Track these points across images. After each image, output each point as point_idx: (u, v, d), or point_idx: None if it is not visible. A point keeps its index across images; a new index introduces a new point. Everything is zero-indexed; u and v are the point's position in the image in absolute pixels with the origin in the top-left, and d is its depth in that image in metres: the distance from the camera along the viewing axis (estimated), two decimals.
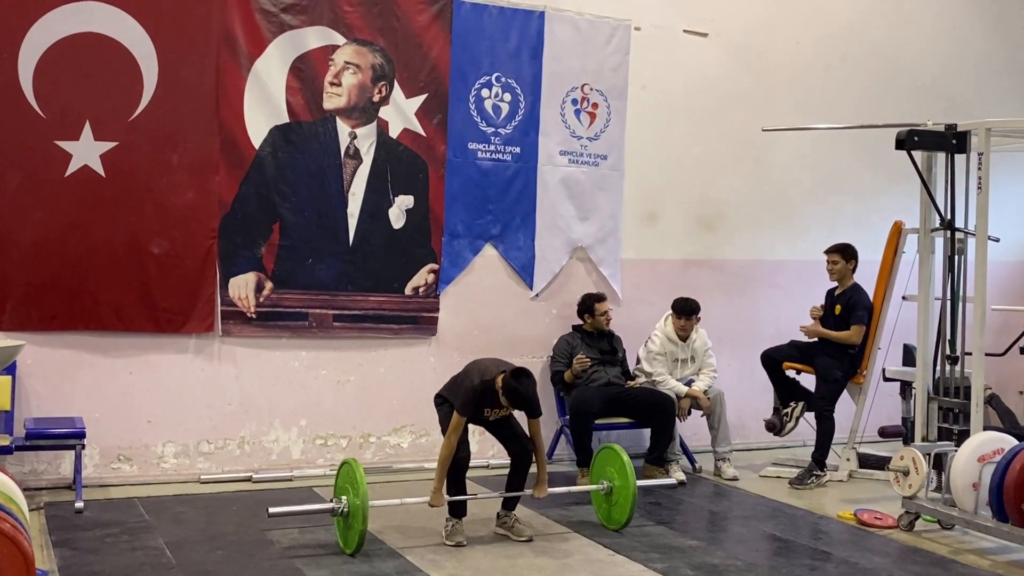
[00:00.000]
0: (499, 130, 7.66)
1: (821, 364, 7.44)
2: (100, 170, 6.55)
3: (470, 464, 5.79)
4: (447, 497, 5.61)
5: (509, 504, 5.90)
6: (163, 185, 6.70)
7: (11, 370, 6.22)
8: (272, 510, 5.47)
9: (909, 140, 6.35)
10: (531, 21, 7.70)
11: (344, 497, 5.41)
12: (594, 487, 6.11)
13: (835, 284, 7.61)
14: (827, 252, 7.56)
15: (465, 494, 5.73)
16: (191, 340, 6.87)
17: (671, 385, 7.47)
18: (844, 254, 7.50)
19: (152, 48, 6.62)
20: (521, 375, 5.49)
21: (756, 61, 8.59)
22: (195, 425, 6.90)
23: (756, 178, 8.64)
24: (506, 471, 5.93)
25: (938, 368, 6.73)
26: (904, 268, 7.44)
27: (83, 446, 6.23)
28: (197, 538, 5.62)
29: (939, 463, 6.35)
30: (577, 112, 7.92)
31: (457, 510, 5.69)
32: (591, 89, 7.94)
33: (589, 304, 7.58)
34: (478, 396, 5.58)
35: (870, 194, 8.90)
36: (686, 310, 7.53)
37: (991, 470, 5.65)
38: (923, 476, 6.04)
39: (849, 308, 7.41)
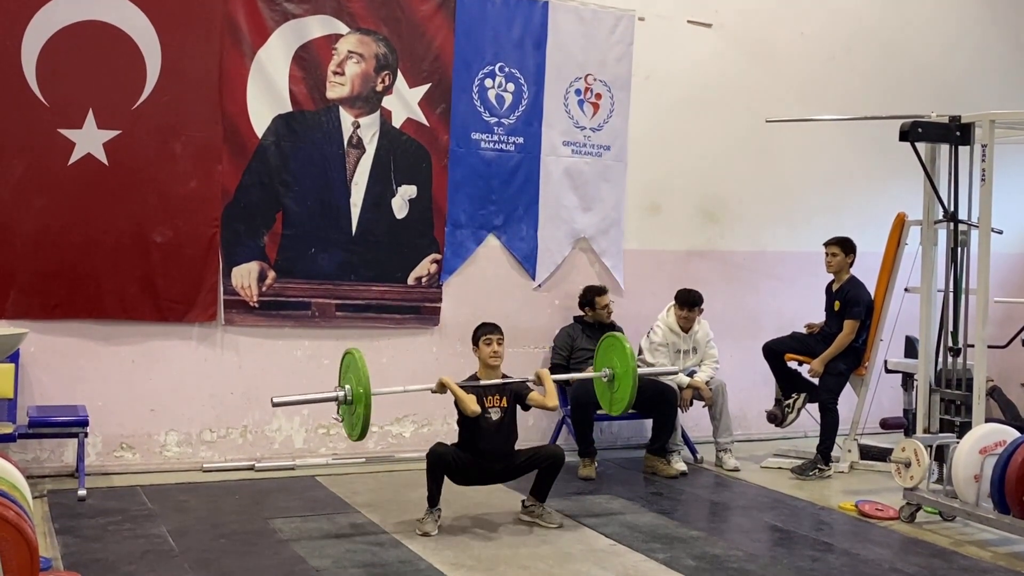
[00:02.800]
0: (502, 120, 7.66)
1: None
2: (103, 158, 6.55)
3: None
4: (454, 385, 5.68)
5: (539, 493, 5.91)
6: (166, 174, 6.70)
7: (14, 358, 6.23)
8: (276, 399, 5.55)
9: (913, 132, 6.34)
10: (535, 11, 7.68)
11: (348, 386, 5.47)
12: (597, 374, 6.15)
13: (832, 278, 7.61)
14: (826, 244, 7.56)
15: (440, 487, 5.73)
16: (194, 329, 6.88)
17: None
18: (843, 247, 7.49)
19: (155, 36, 6.61)
20: None
21: (760, 52, 8.58)
22: (198, 414, 6.91)
23: (759, 169, 8.63)
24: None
25: (940, 360, 6.73)
26: (907, 260, 7.44)
27: (86, 434, 6.24)
28: (200, 526, 5.63)
29: (941, 455, 6.36)
30: (580, 102, 7.91)
31: (432, 500, 5.72)
32: (594, 79, 7.93)
33: (590, 297, 7.58)
34: (471, 379, 5.83)
35: (873, 186, 8.89)
36: (688, 301, 7.53)
37: (993, 462, 5.66)
38: (925, 468, 6.05)
39: (846, 304, 7.42)
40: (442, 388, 5.74)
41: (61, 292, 6.51)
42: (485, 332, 5.90)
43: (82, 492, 6.03)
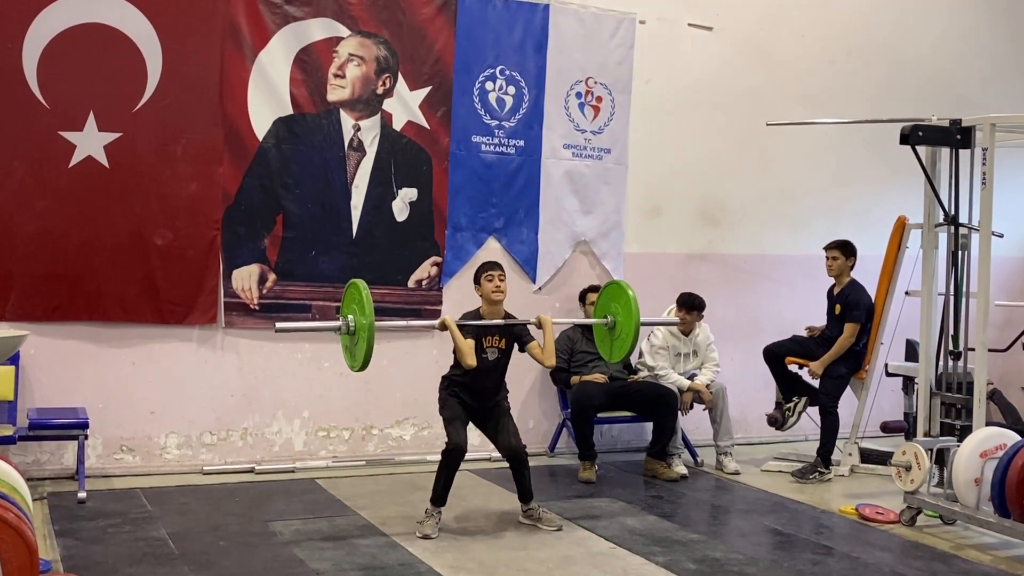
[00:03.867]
0: (503, 123, 7.66)
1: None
2: (104, 161, 6.55)
3: (466, 457, 5.79)
4: (456, 331, 5.69)
5: (525, 497, 5.93)
6: (167, 176, 6.70)
7: (15, 360, 6.23)
8: (279, 325, 5.55)
9: (913, 135, 6.34)
10: (536, 14, 7.69)
11: (350, 316, 5.47)
12: (598, 320, 6.12)
13: (832, 281, 7.61)
14: (827, 248, 7.56)
15: (450, 487, 5.74)
16: (194, 331, 6.88)
17: (673, 379, 7.47)
18: (844, 250, 7.49)
19: (156, 39, 6.62)
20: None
21: (761, 55, 8.58)
22: (198, 416, 6.91)
23: (760, 173, 8.63)
24: (507, 463, 5.96)
25: (941, 363, 6.72)
26: (907, 263, 7.44)
27: (86, 436, 6.24)
28: (200, 529, 5.63)
29: (941, 458, 6.35)
30: (581, 106, 7.91)
31: (439, 499, 5.72)
32: (595, 82, 7.94)
33: (583, 294, 7.63)
34: (472, 316, 5.86)
35: (874, 189, 8.89)
36: (688, 303, 7.53)
37: (993, 466, 5.65)
38: (925, 471, 6.05)
39: (847, 307, 7.42)
40: (444, 327, 5.74)
41: (61, 294, 6.51)
42: (486, 269, 5.90)
43: (82, 494, 6.03)
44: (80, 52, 6.46)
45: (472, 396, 5.87)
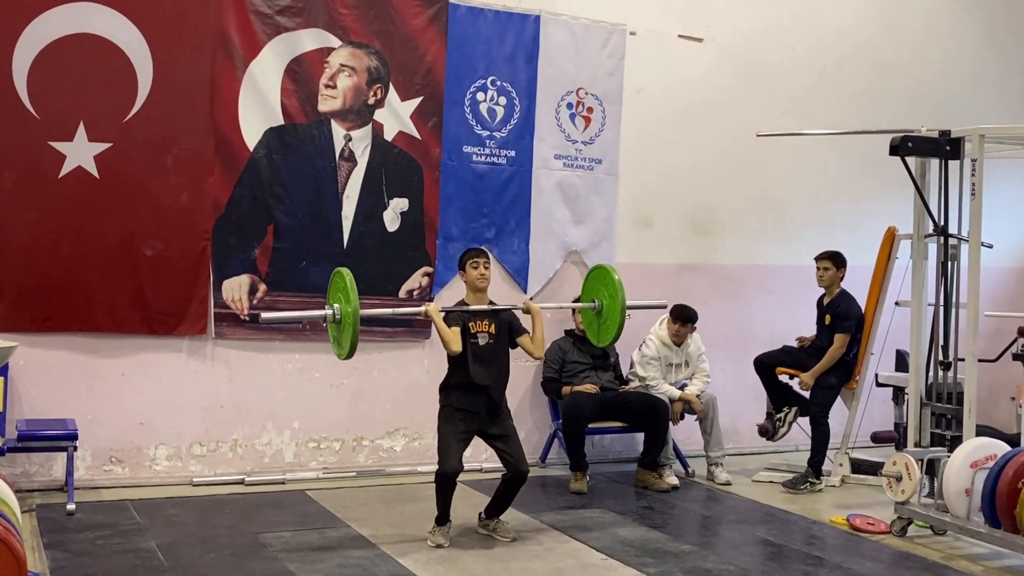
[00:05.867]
0: (494, 134, 7.67)
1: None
2: (94, 171, 6.54)
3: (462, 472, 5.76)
4: (439, 318, 5.68)
5: (492, 512, 5.92)
6: (157, 187, 6.69)
7: (3, 371, 6.18)
8: (264, 316, 5.64)
9: (903, 146, 6.36)
10: (527, 25, 7.70)
11: (336, 304, 5.49)
12: (586, 305, 6.14)
13: (822, 292, 7.63)
14: (817, 259, 7.58)
15: (449, 505, 5.70)
16: (184, 342, 6.86)
17: (664, 389, 7.48)
18: (835, 261, 7.52)
19: (147, 49, 6.61)
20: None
21: (751, 66, 8.61)
22: (188, 427, 6.88)
23: (750, 183, 8.65)
24: (498, 475, 5.94)
25: (931, 374, 6.74)
26: (897, 274, 7.46)
27: (75, 448, 6.21)
28: (189, 541, 5.60)
29: (932, 469, 6.36)
30: (572, 116, 7.92)
31: (442, 518, 5.70)
32: (586, 93, 7.95)
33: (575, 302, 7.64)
34: (458, 305, 5.88)
35: (864, 200, 8.91)
36: (682, 316, 7.54)
37: (984, 476, 5.65)
38: (916, 482, 6.05)
39: (837, 318, 7.43)
40: (428, 316, 5.72)
41: (51, 305, 6.48)
42: (472, 256, 5.89)
43: (71, 506, 6.00)
44: (70, 62, 6.45)
45: (472, 396, 5.71)
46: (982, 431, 6.62)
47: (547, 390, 7.65)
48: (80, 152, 6.50)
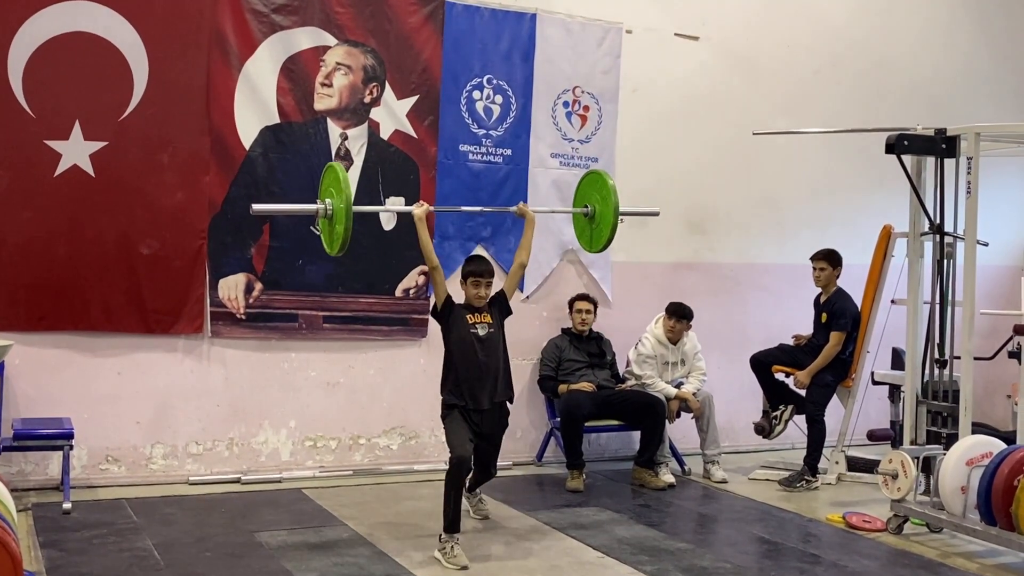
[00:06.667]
0: (490, 132, 7.67)
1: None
2: (90, 170, 6.53)
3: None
4: (423, 229, 5.63)
5: (471, 487, 6.00)
6: (153, 185, 6.68)
7: None
8: (255, 207, 5.64)
9: (899, 144, 6.37)
10: (523, 23, 7.70)
11: (328, 200, 5.45)
12: (577, 210, 6.09)
13: (819, 290, 7.63)
14: (813, 258, 7.58)
15: (460, 509, 5.48)
16: (180, 341, 6.85)
17: (660, 387, 7.48)
18: (831, 260, 7.52)
19: (142, 48, 6.60)
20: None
21: (746, 65, 8.62)
22: (184, 426, 6.88)
23: (746, 182, 8.66)
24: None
25: (927, 372, 6.75)
26: (893, 272, 7.47)
27: (71, 447, 6.20)
28: (185, 539, 5.60)
29: (927, 466, 6.37)
30: (568, 114, 7.93)
31: (452, 525, 5.41)
32: (582, 92, 7.96)
33: (571, 303, 7.64)
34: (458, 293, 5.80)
35: (859, 198, 8.93)
36: (678, 312, 7.55)
37: (979, 474, 5.66)
38: (912, 479, 6.06)
39: (833, 315, 7.44)
40: (418, 219, 5.65)
41: (47, 304, 6.47)
42: (474, 275, 5.70)
43: (67, 505, 5.99)
44: (66, 61, 6.44)
45: (473, 390, 5.59)
46: (978, 429, 6.66)
47: (543, 388, 7.65)
48: (76, 151, 6.49)
